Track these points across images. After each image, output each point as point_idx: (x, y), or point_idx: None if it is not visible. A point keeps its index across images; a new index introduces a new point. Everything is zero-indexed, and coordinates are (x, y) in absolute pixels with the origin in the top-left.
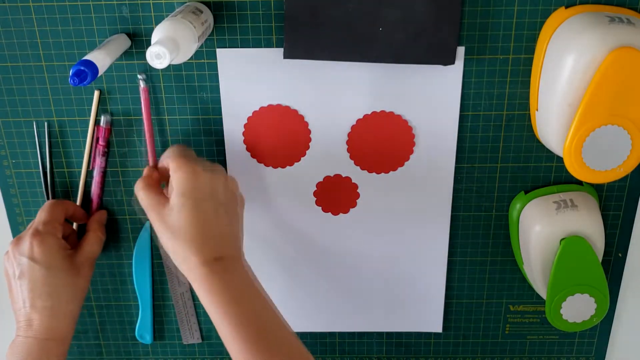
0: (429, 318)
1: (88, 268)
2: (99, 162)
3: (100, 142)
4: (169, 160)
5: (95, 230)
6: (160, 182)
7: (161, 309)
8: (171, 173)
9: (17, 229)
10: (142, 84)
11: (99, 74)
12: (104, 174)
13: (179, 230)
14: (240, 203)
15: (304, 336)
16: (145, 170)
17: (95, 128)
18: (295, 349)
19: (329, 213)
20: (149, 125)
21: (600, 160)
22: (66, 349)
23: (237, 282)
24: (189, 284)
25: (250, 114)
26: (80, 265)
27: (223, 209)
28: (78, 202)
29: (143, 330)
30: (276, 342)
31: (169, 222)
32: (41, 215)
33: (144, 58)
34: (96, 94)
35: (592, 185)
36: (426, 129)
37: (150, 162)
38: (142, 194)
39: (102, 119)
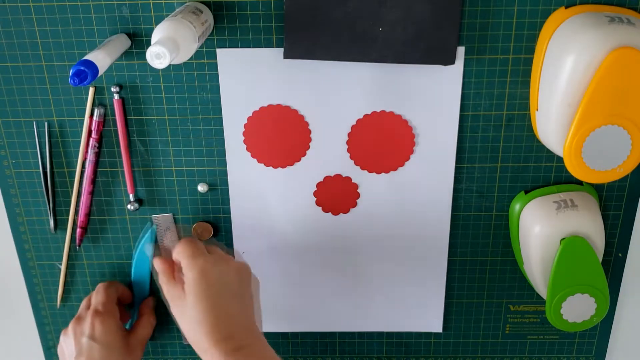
0: (429, 318)
1: (140, 350)
2: (91, 155)
3: (93, 135)
4: (180, 258)
5: (148, 315)
6: (175, 273)
7: (161, 309)
8: (183, 271)
9: (17, 229)
10: (115, 96)
11: (99, 74)
12: (95, 168)
13: (198, 324)
14: (255, 285)
15: (304, 336)
16: (160, 265)
17: (88, 121)
18: None
19: (329, 213)
20: (124, 139)
21: (600, 160)
22: None
23: None
24: None
25: (250, 114)
26: (134, 347)
27: (237, 300)
28: (72, 198)
29: None
30: None
31: (188, 316)
32: (98, 296)
33: (144, 58)
34: (91, 90)
35: (592, 185)
36: (426, 129)
37: (126, 173)
38: (163, 288)
39: (96, 111)
